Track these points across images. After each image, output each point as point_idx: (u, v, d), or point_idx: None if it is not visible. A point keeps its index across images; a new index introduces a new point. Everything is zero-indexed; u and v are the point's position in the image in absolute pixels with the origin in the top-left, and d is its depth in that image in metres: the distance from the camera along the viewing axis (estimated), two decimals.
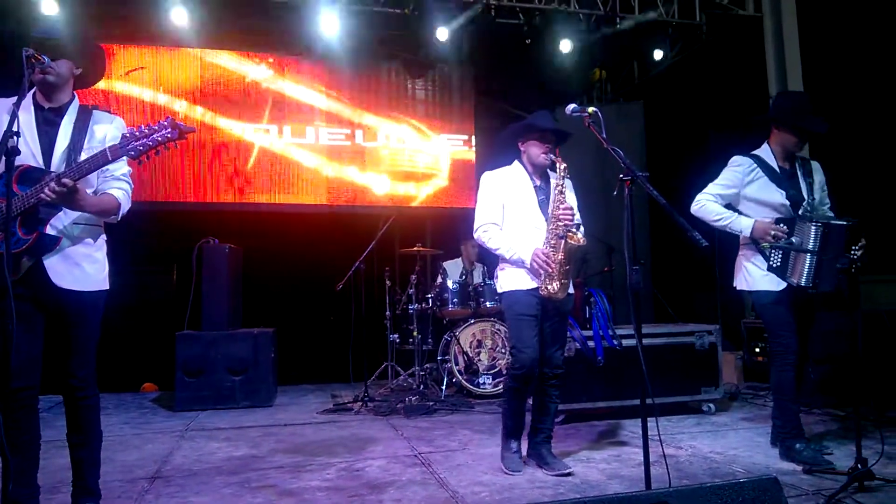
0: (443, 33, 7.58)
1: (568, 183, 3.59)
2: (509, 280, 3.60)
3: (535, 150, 3.60)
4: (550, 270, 3.42)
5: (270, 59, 8.01)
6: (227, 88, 7.83)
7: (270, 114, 7.97)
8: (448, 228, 7.88)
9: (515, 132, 3.76)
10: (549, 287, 3.45)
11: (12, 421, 2.52)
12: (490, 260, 6.70)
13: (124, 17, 7.40)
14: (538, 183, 3.66)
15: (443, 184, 8.49)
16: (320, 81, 8.17)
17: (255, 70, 7.95)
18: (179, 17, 7.04)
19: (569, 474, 3.50)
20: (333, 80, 8.21)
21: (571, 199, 3.60)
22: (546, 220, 3.53)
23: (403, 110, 8.47)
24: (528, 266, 3.48)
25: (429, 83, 8.59)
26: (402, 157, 8.41)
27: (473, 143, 8.66)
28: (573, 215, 3.48)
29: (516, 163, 3.74)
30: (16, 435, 2.54)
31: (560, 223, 3.44)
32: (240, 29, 7.81)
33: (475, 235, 3.69)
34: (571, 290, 3.66)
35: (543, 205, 3.59)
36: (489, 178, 3.73)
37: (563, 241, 3.41)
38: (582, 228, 3.52)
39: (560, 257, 3.43)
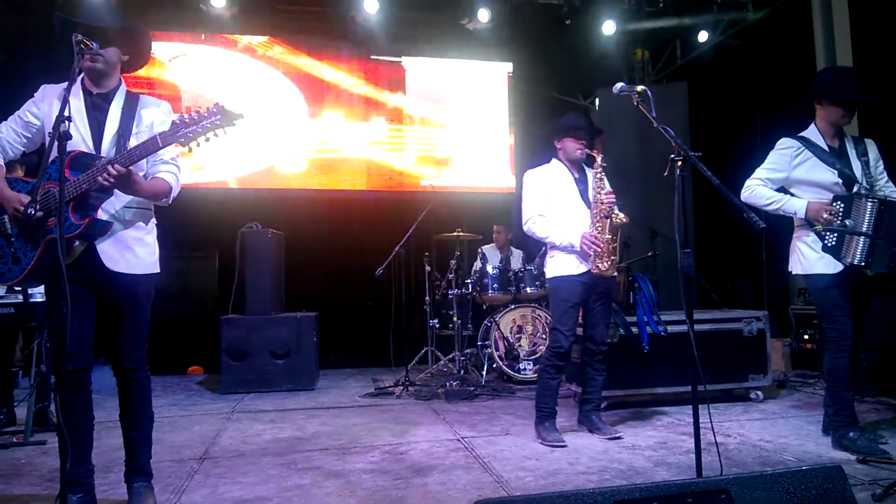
0: (483, 15, 7.51)
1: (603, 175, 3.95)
2: (557, 266, 3.93)
3: (571, 146, 3.95)
4: (600, 250, 3.73)
5: (309, 46, 8.04)
6: (267, 74, 7.88)
7: (309, 99, 8.01)
8: (485, 213, 7.84)
9: (552, 132, 4.09)
10: (600, 265, 3.76)
11: (66, 402, 2.57)
12: (531, 245, 6.66)
13: (164, 4, 7.50)
14: (577, 175, 4.00)
15: (481, 168, 8.44)
16: (359, 66, 8.19)
17: (293, 56, 7.99)
18: (219, 3, 7.11)
19: (619, 437, 3.87)
20: (372, 66, 8.22)
21: (609, 185, 3.96)
22: (588, 208, 3.88)
23: (442, 94, 8.43)
24: (578, 249, 3.79)
25: (467, 66, 8.52)
26: (441, 141, 8.39)
27: (512, 126, 8.58)
28: (615, 198, 3.83)
29: (554, 160, 4.08)
30: (70, 415, 2.59)
31: (604, 205, 3.79)
32: (279, 15, 7.86)
33: (525, 228, 4.01)
34: (615, 274, 3.95)
35: (584, 194, 3.94)
36: (533, 175, 4.06)
37: (608, 221, 3.76)
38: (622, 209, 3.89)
39: (607, 237, 3.76)
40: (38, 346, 4.27)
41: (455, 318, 6.23)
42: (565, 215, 3.90)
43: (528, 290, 6.19)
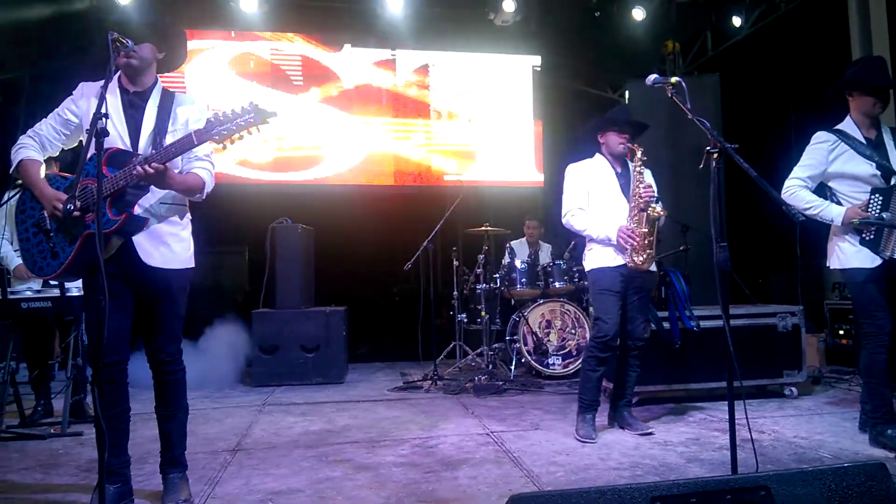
0: (509, 5, 7.47)
1: (646, 169, 3.96)
2: (596, 258, 3.95)
3: (614, 140, 3.97)
4: (636, 243, 3.76)
5: (335, 42, 8.06)
6: (297, 72, 7.93)
7: (339, 95, 8.03)
8: (512, 207, 7.81)
9: (595, 126, 4.12)
10: (636, 259, 3.79)
11: (104, 394, 2.62)
12: (560, 241, 6.62)
13: (195, 2, 7.57)
14: (619, 170, 4.01)
15: (508, 162, 8.41)
16: (385, 62, 8.19)
17: (323, 53, 8.02)
18: (248, 2, 7.17)
19: (650, 433, 3.87)
20: (399, 61, 8.21)
21: (650, 180, 3.96)
22: (628, 202, 3.88)
23: (468, 88, 8.40)
24: (615, 243, 3.81)
25: (494, 60, 8.48)
26: (468, 135, 8.36)
27: (539, 119, 8.53)
28: (653, 191, 3.83)
29: (597, 154, 4.10)
30: (107, 407, 2.63)
31: (641, 199, 3.81)
32: (306, 12, 7.89)
33: (564, 220, 4.03)
34: (654, 268, 3.96)
35: (625, 189, 3.94)
36: (574, 169, 4.08)
37: (644, 214, 3.77)
38: (661, 203, 3.89)
39: (644, 230, 3.78)
40: (74, 339, 4.36)
41: (483, 313, 6.21)
42: (605, 209, 3.92)
43: (557, 284, 6.16)
